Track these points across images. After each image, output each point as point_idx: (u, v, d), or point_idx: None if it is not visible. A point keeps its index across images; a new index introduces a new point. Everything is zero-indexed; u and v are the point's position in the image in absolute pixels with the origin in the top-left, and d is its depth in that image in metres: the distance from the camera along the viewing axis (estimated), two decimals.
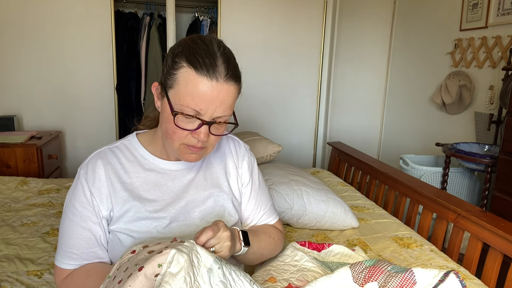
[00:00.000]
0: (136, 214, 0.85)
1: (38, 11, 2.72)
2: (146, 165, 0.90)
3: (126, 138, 0.94)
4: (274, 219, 1.07)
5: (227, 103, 0.79)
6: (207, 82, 0.76)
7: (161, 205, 0.87)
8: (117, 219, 0.85)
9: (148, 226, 0.85)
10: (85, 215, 0.84)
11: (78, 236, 0.84)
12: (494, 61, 2.52)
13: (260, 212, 1.03)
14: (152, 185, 0.88)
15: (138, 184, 0.87)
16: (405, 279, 0.89)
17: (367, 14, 3.59)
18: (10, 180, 2.05)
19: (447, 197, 1.55)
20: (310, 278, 1.02)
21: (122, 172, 0.88)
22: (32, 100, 2.81)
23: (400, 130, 3.53)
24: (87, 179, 0.85)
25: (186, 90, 0.77)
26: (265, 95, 3.24)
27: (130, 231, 0.84)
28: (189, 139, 0.81)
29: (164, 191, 0.89)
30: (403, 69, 3.47)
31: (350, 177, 2.36)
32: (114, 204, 0.85)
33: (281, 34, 3.18)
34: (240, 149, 1.03)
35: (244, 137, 2.12)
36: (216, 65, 0.77)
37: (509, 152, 2.00)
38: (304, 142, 3.43)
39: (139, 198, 0.86)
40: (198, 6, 3.45)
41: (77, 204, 0.85)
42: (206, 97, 0.77)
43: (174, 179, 0.90)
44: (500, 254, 1.25)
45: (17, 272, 1.21)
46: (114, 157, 0.89)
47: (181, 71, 0.78)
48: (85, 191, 0.85)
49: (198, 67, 0.76)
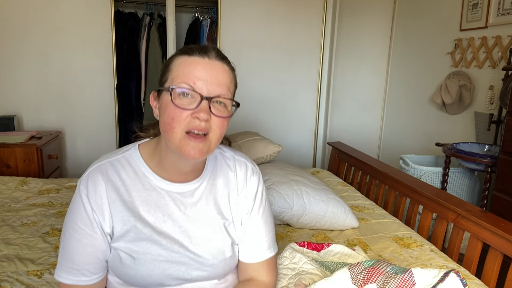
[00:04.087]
0: (137, 235, 0.84)
1: (38, 11, 2.72)
2: (147, 184, 0.87)
3: (128, 149, 0.90)
4: (268, 254, 0.97)
5: (222, 81, 0.80)
6: (199, 59, 0.79)
7: (161, 227, 0.86)
8: (118, 238, 0.84)
9: (148, 247, 0.84)
10: (87, 232, 0.83)
11: (79, 252, 0.83)
12: (494, 61, 2.52)
13: (254, 246, 0.96)
14: (153, 205, 0.86)
15: (139, 203, 0.85)
16: (404, 280, 0.89)
17: (367, 14, 3.59)
18: (10, 180, 2.05)
19: (447, 197, 1.55)
20: (308, 281, 1.02)
21: (123, 189, 0.85)
22: (32, 100, 2.81)
23: (400, 130, 3.53)
24: (88, 195, 0.83)
25: (179, 71, 0.79)
26: (265, 95, 3.24)
27: (131, 251, 0.84)
28: (190, 122, 0.77)
29: (165, 213, 0.87)
30: (403, 69, 3.47)
31: (350, 177, 2.36)
32: (115, 223, 0.84)
33: (281, 34, 3.17)
34: (247, 174, 0.97)
35: (244, 137, 2.12)
36: (207, 49, 0.81)
37: (509, 152, 2.00)
38: (304, 142, 3.42)
39: (140, 218, 0.85)
40: (198, 6, 3.44)
41: (79, 221, 0.83)
42: (200, 72, 0.78)
43: (175, 201, 0.88)
44: (500, 254, 1.25)
45: (17, 272, 1.21)
46: (115, 172, 0.86)
47: (174, 61, 0.81)
48: (86, 208, 0.83)
49: (190, 51, 0.80)
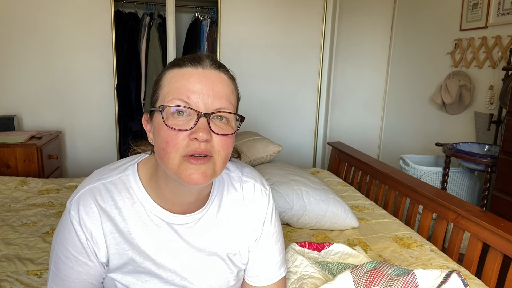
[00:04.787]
0: (135, 268, 0.78)
1: (38, 11, 2.71)
2: (144, 213, 0.78)
3: (125, 170, 0.80)
4: (277, 277, 0.91)
5: (220, 91, 0.68)
6: (191, 70, 0.68)
7: (162, 260, 0.79)
8: (114, 270, 0.79)
9: (147, 280, 0.80)
10: (82, 260, 0.76)
11: (73, 280, 0.77)
12: (494, 61, 2.52)
13: (262, 270, 0.90)
14: (151, 237, 0.78)
15: (136, 235, 0.77)
16: (407, 282, 0.88)
17: (367, 14, 3.59)
18: (10, 180, 2.05)
19: (447, 197, 1.55)
20: (310, 286, 1.02)
21: (120, 219, 0.76)
22: (32, 100, 2.81)
23: (400, 130, 3.53)
24: (80, 223, 0.74)
25: (169, 86, 0.68)
26: (265, 95, 3.24)
27: (128, 282, 0.79)
28: (189, 145, 0.66)
29: (166, 245, 0.79)
30: (403, 69, 3.47)
31: (350, 177, 2.36)
32: (111, 255, 0.77)
33: (281, 34, 3.17)
34: (255, 197, 0.86)
35: (244, 137, 2.12)
36: (200, 58, 0.70)
37: (509, 152, 2.00)
38: (304, 142, 3.42)
39: (138, 250, 0.78)
40: (198, 6, 3.44)
41: (71, 248, 0.75)
42: (193, 84, 0.67)
43: (177, 232, 0.80)
44: (500, 254, 1.25)
45: (17, 272, 1.21)
46: (110, 198, 0.76)
47: (164, 78, 0.71)
48: (79, 236, 0.74)
49: (181, 63, 0.70)
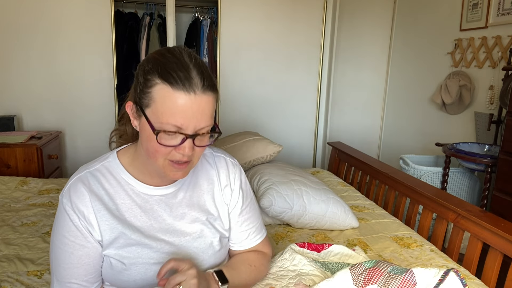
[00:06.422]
0: (126, 241, 0.85)
1: (38, 11, 2.71)
2: (129, 190, 0.87)
3: (107, 158, 0.90)
4: (261, 238, 1.03)
5: (207, 114, 0.78)
6: (184, 96, 0.74)
7: (149, 231, 0.87)
8: (108, 246, 0.84)
9: (138, 251, 0.85)
10: (79, 244, 0.83)
11: (75, 265, 0.83)
12: (494, 61, 2.52)
13: (247, 233, 1.01)
14: (138, 210, 0.87)
15: (124, 210, 0.86)
16: (405, 280, 0.88)
17: (367, 14, 3.59)
18: (10, 180, 2.05)
19: (447, 197, 1.55)
20: (308, 282, 1.02)
21: (107, 198, 0.85)
22: (32, 100, 2.81)
23: (400, 130, 3.53)
24: (72, 207, 0.82)
25: (164, 107, 0.75)
26: (265, 95, 3.24)
27: (121, 257, 0.84)
28: (173, 155, 0.78)
29: (151, 217, 0.88)
30: (403, 69, 3.47)
31: (350, 177, 2.36)
32: (102, 232, 0.84)
33: (281, 34, 3.17)
34: (228, 168, 0.99)
35: (244, 137, 2.12)
36: (191, 77, 0.75)
37: (509, 152, 2.00)
38: (304, 142, 3.42)
39: (127, 224, 0.86)
40: (198, 6, 3.44)
41: (67, 233, 0.83)
42: (186, 112, 0.75)
43: (159, 204, 0.89)
44: (500, 254, 1.25)
45: (17, 272, 1.21)
46: (97, 182, 0.86)
47: (156, 88, 0.75)
48: (73, 220, 0.82)
49: (173, 82, 0.74)
